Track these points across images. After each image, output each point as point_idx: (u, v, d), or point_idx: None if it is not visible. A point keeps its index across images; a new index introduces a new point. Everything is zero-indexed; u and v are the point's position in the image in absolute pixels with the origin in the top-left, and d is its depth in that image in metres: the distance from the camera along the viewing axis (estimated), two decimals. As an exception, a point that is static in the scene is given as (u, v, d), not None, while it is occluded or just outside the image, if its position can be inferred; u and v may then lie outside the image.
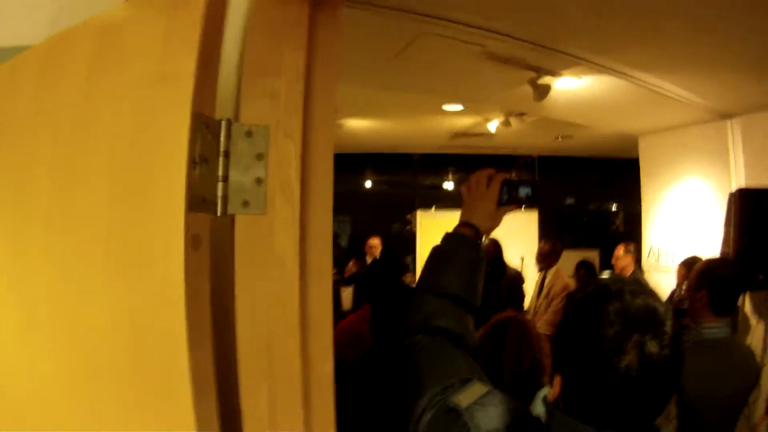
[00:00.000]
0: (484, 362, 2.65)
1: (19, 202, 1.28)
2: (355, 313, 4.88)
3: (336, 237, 13.73)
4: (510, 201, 1.91)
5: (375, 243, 8.91)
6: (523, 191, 1.93)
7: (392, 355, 1.80)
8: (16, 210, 1.29)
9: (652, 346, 1.25)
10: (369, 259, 8.85)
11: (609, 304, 1.31)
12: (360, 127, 9.41)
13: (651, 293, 1.35)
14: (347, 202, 13.92)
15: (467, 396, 1.54)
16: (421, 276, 1.87)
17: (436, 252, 1.87)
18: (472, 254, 1.83)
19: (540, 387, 2.57)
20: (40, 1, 1.70)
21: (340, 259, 13.06)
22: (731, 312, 3.23)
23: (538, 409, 1.50)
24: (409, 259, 11.84)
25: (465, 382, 1.58)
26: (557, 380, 1.42)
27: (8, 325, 1.27)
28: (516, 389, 2.59)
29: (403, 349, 1.75)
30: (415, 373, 1.68)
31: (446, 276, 1.79)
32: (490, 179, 1.90)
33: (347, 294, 9.01)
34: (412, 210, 12.53)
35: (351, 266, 8.87)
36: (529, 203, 1.94)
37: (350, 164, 12.92)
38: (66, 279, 1.19)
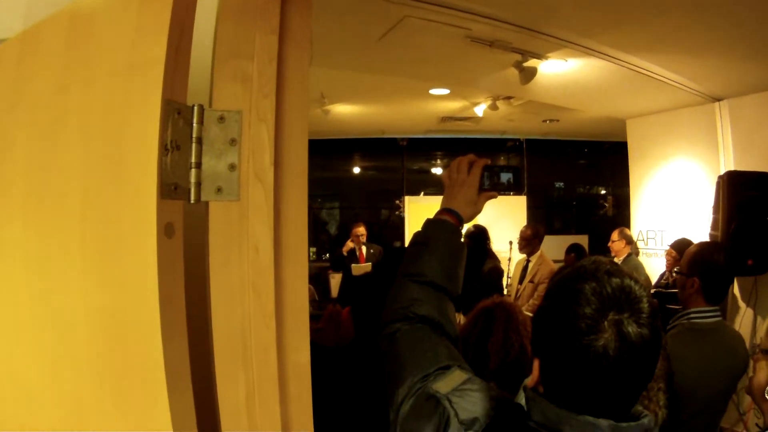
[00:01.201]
0: (471, 350, 2.65)
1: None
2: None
3: (325, 224, 13.79)
4: (491, 187, 1.90)
5: (361, 231, 8.90)
6: (505, 177, 1.92)
7: (373, 344, 1.79)
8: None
9: (630, 326, 1.25)
10: (357, 248, 8.83)
11: (585, 284, 1.30)
12: (347, 112, 9.40)
13: (627, 273, 1.34)
14: (336, 189, 13.94)
15: (447, 383, 1.53)
16: (402, 263, 1.86)
17: (417, 239, 1.85)
18: (453, 241, 1.82)
19: (528, 373, 2.57)
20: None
21: (330, 246, 13.09)
22: (722, 299, 3.20)
23: (523, 398, 1.49)
24: (398, 244, 11.86)
25: (445, 369, 1.58)
26: (536, 364, 1.41)
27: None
28: (504, 376, 2.59)
29: (383, 336, 1.74)
30: (395, 361, 1.67)
31: (427, 263, 1.78)
32: (471, 165, 1.89)
33: (336, 281, 9.01)
34: (401, 195, 12.52)
35: (349, 243, 8.84)
36: (511, 189, 1.93)
37: (338, 150, 12.92)
38: (42, 269, 1.18)
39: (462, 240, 1.85)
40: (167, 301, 1.02)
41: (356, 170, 14.12)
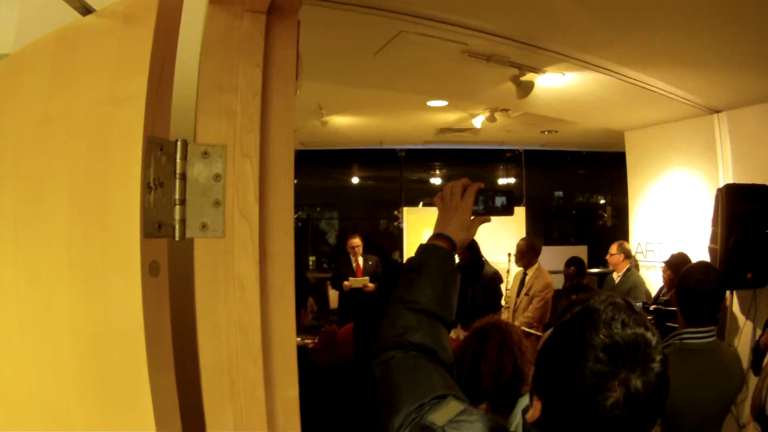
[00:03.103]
0: (464, 369, 2.64)
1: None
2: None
3: (324, 234, 13.79)
4: (486, 211, 1.89)
5: (357, 242, 8.84)
6: (499, 200, 1.91)
7: (368, 368, 1.77)
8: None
9: (639, 383, 1.21)
10: (353, 259, 8.80)
11: (596, 336, 1.25)
12: (345, 123, 9.39)
13: (642, 321, 1.28)
14: (334, 199, 13.94)
15: (443, 414, 1.51)
16: (395, 289, 1.84)
17: (410, 265, 1.83)
18: (446, 267, 1.80)
19: (519, 395, 2.56)
20: (6, 12, 1.70)
21: (329, 256, 13.08)
22: (707, 321, 3.13)
23: (517, 420, 1.48)
24: (396, 255, 11.87)
25: (441, 398, 1.55)
26: (537, 405, 1.38)
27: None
28: (496, 396, 2.58)
29: (377, 364, 1.72)
30: (390, 389, 1.65)
31: (420, 290, 1.75)
32: (464, 190, 1.88)
33: (334, 293, 9.01)
34: (399, 206, 12.51)
35: (347, 284, 8.75)
36: (505, 213, 1.91)
37: (336, 160, 12.92)
38: (31, 312, 1.16)
39: (455, 265, 1.83)
40: (153, 339, 1.00)
41: (355, 180, 14.11)
